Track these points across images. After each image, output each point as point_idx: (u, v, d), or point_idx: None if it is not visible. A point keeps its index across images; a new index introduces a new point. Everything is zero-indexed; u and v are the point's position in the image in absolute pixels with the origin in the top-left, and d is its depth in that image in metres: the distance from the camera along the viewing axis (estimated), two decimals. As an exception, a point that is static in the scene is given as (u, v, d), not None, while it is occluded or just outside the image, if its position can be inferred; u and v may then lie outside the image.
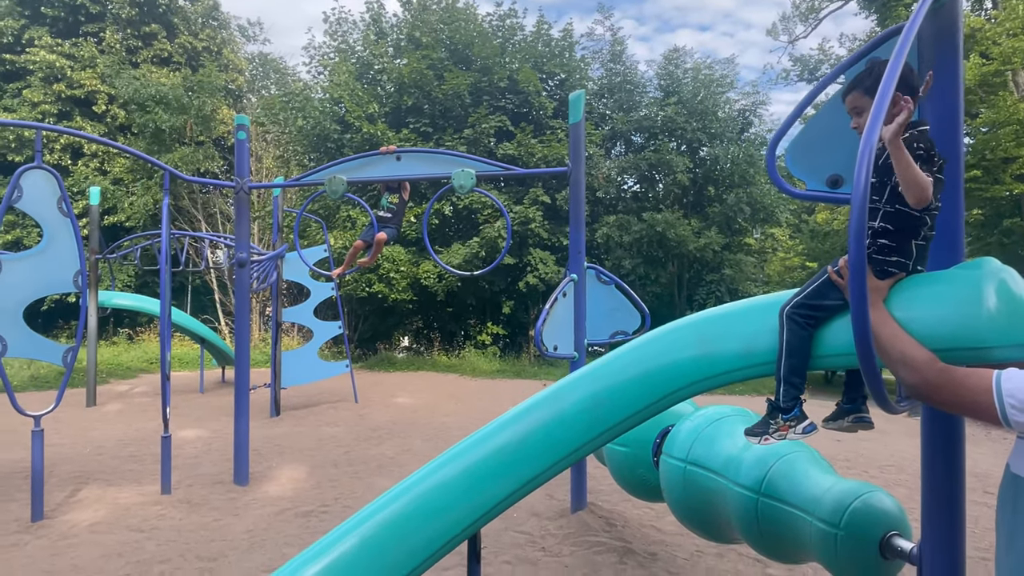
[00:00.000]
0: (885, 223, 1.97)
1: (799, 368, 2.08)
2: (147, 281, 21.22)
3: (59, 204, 5.07)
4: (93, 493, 5.76)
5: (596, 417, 2.38)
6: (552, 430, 2.42)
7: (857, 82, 2.11)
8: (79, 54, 20.76)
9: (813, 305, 2.06)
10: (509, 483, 2.40)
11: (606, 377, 2.43)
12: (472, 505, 2.39)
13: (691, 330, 2.35)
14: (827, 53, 23.81)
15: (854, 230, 1.62)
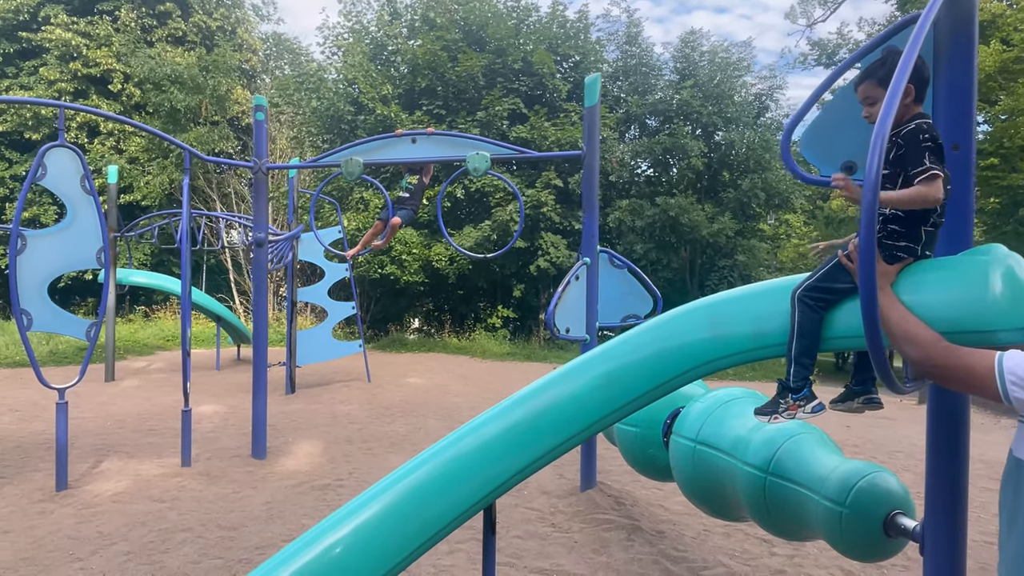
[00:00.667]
0: (896, 210, 2.02)
1: (810, 349, 2.13)
2: (163, 259, 21.45)
3: (82, 182, 5.18)
4: (115, 465, 5.93)
5: (609, 395, 2.45)
6: (566, 407, 2.50)
7: (870, 72, 2.15)
8: (95, 32, 20.83)
9: (824, 288, 2.11)
10: (523, 457, 2.48)
11: (620, 356, 2.50)
12: (487, 477, 2.47)
13: (703, 312, 2.41)
14: (845, 37, 23.46)
15: (865, 216, 1.67)
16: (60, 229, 5.16)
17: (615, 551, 4.37)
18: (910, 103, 2.06)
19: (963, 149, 2.35)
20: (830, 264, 2.15)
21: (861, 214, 1.68)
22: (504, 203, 15.63)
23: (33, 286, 4.95)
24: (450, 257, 16.07)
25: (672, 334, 2.44)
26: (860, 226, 1.69)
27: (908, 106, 2.06)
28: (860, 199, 1.78)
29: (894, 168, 2.04)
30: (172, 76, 19.05)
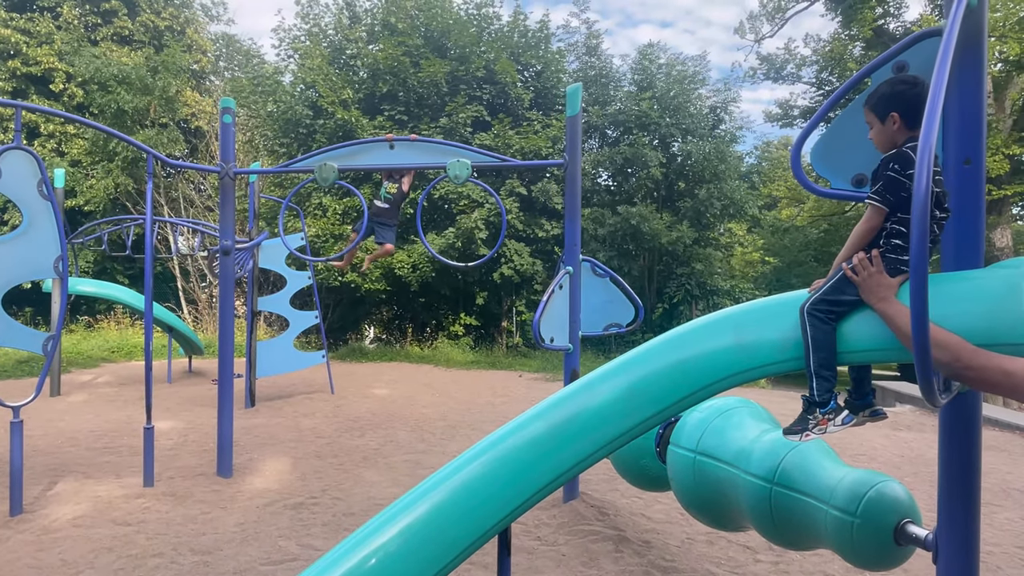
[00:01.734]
0: (898, 226, 2.10)
1: (828, 361, 2.15)
2: (106, 267, 20.53)
3: (39, 186, 4.87)
4: (71, 486, 5.58)
5: (631, 407, 2.40)
6: (587, 420, 2.44)
7: (867, 99, 2.26)
8: (35, 29, 19.87)
9: (832, 300, 2.15)
10: (545, 474, 2.41)
11: (640, 367, 2.45)
12: (507, 497, 2.39)
13: (727, 322, 2.39)
14: (792, 53, 24.33)
15: (916, 229, 1.67)
16: (15, 237, 4.83)
17: (605, 563, 4.33)
18: (898, 129, 2.15)
19: (974, 163, 2.39)
20: (836, 277, 2.18)
21: (912, 228, 1.68)
22: (468, 210, 15.54)
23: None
24: (412, 264, 15.86)
25: (694, 341, 2.41)
26: (912, 241, 1.68)
27: (898, 131, 2.15)
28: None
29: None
30: (119, 76, 18.29)
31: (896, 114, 2.13)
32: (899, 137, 2.15)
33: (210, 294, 21.55)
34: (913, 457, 7.41)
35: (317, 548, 4.34)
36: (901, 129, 2.14)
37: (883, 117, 2.16)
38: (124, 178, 19.17)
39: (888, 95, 2.17)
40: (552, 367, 14.89)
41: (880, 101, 2.16)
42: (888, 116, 2.15)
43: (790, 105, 25.16)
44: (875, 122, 2.19)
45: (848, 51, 21.88)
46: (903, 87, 2.19)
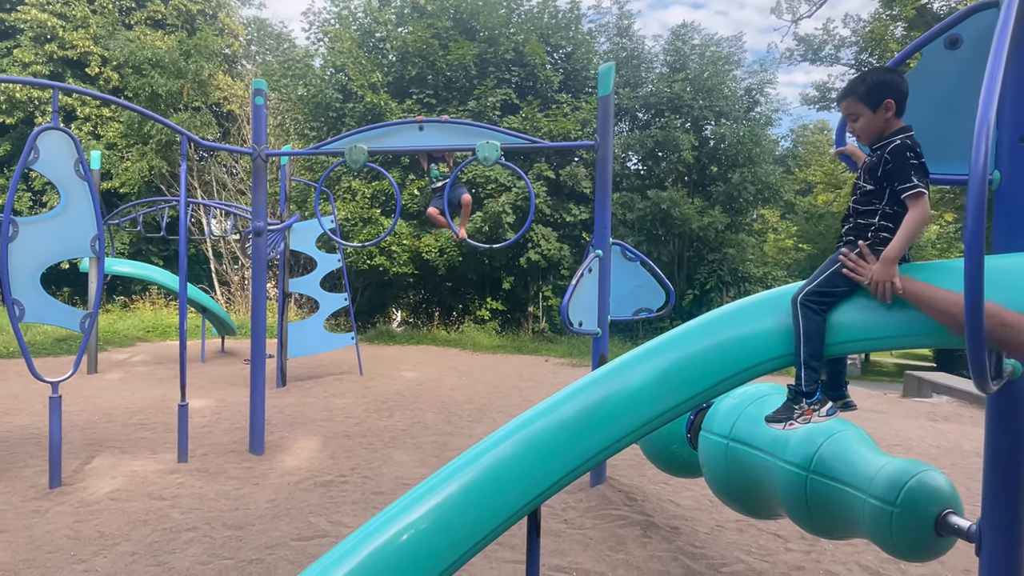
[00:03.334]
0: (886, 222, 2.13)
1: (817, 352, 2.17)
2: (141, 248, 20.96)
3: (76, 167, 4.95)
4: (108, 461, 5.72)
5: (664, 391, 2.35)
6: (618, 404, 2.40)
7: (850, 89, 2.21)
8: (71, 14, 20.22)
9: (824, 292, 2.17)
10: (573, 457, 2.38)
11: (674, 350, 2.41)
12: (536, 478, 2.37)
13: (766, 303, 2.33)
14: (831, 33, 23.66)
15: (972, 210, 1.60)
16: (53, 216, 4.93)
17: (632, 548, 4.30)
18: (891, 117, 2.14)
19: (1030, 143, 2.29)
20: (829, 270, 2.20)
21: (968, 207, 1.61)
22: (496, 195, 15.48)
23: (25, 275, 4.72)
24: (440, 248, 15.89)
25: (732, 326, 2.35)
26: (966, 219, 1.61)
27: (889, 120, 2.15)
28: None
29: (879, 183, 2.14)
30: (153, 60, 18.54)
31: (892, 101, 2.12)
32: (890, 126, 2.15)
33: (242, 276, 21.90)
34: (950, 448, 7.23)
35: (347, 525, 4.38)
36: (893, 117, 2.15)
37: (875, 106, 2.14)
38: (158, 160, 19.49)
39: (881, 83, 2.15)
40: (579, 352, 14.84)
41: (872, 90, 2.14)
42: (882, 104, 2.13)
43: (827, 88, 24.52)
44: (864, 112, 2.16)
45: (889, 31, 21.20)
46: (892, 76, 2.19)
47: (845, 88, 2.23)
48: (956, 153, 2.55)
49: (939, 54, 2.54)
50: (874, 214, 2.15)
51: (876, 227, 2.15)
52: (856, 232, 2.21)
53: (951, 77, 2.53)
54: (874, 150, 2.20)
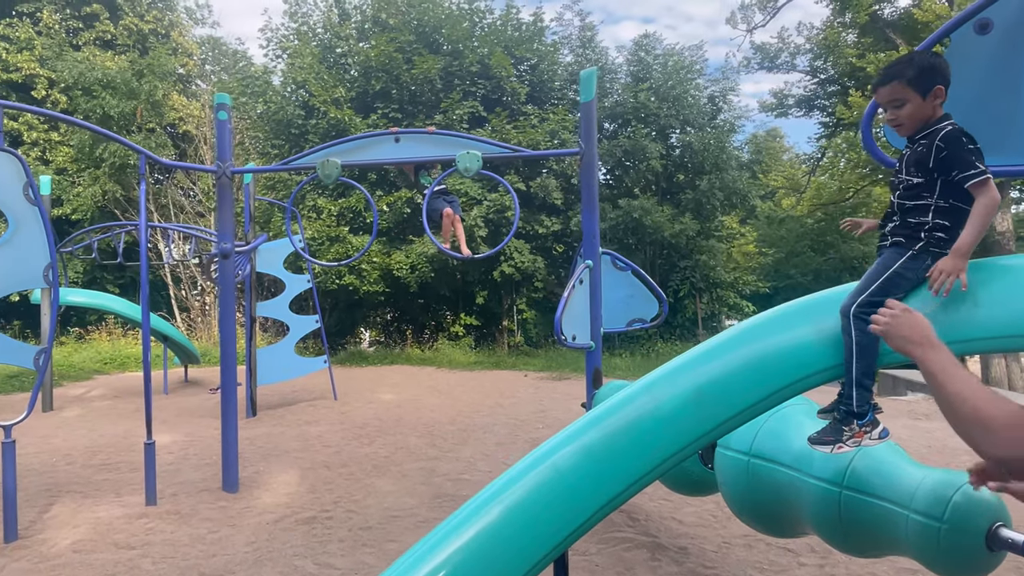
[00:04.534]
0: (940, 219, 1.97)
1: (870, 369, 2.03)
2: (96, 276, 20.11)
3: (25, 191, 4.55)
4: (68, 508, 5.27)
5: (700, 413, 2.15)
6: (651, 428, 2.18)
7: (897, 73, 2.01)
8: (15, 35, 19.43)
9: (880, 303, 1.93)
10: (604, 489, 2.15)
11: (707, 365, 2.20)
12: (561, 519, 2.13)
13: (801, 309, 2.16)
14: (786, 42, 24.16)
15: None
16: (0, 245, 4.52)
17: (642, 573, 4.08)
18: (939, 105, 1.99)
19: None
20: (884, 276, 2.02)
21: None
22: (467, 208, 15.24)
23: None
24: (411, 265, 15.56)
25: (769, 337, 2.16)
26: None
27: (937, 108, 2.00)
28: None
29: (930, 175, 1.97)
30: (104, 81, 17.88)
31: (942, 87, 1.96)
32: (936, 113, 2.00)
33: (203, 301, 21.17)
34: (940, 448, 7.20)
35: (336, 567, 4.07)
36: (939, 106, 1.99)
37: (926, 92, 1.97)
38: (112, 185, 18.77)
39: (931, 67, 1.98)
40: (557, 365, 14.64)
41: (923, 74, 1.96)
42: (932, 90, 1.96)
43: (785, 94, 25.00)
44: (912, 98, 1.98)
45: (842, 38, 21.73)
46: (939, 60, 2.02)
47: (888, 72, 2.03)
48: (990, 142, 2.41)
49: (969, 39, 2.41)
50: (926, 211, 1.98)
51: (930, 226, 1.98)
52: (905, 232, 2.03)
53: (982, 63, 2.41)
54: (916, 140, 2.04)
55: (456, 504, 5.39)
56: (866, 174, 19.28)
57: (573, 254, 17.55)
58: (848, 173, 19.43)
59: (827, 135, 24.34)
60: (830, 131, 24.03)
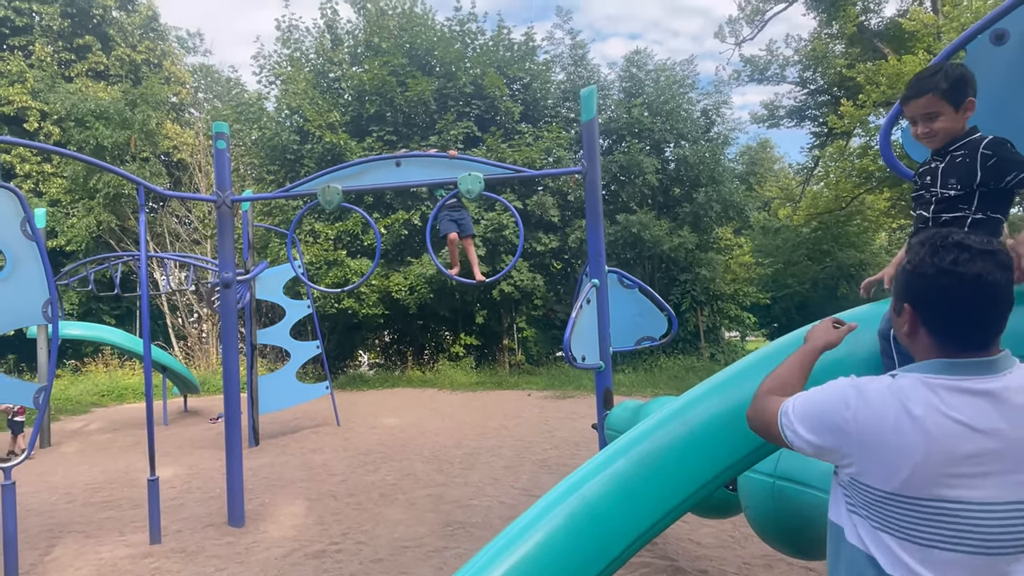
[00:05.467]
0: (977, 214, 1.90)
1: None
2: (92, 308, 19.95)
3: (23, 226, 4.48)
4: (71, 549, 5.13)
5: (735, 437, 2.07)
6: (683, 454, 2.11)
7: (932, 86, 1.95)
8: (5, 69, 19.45)
9: None
10: (636, 522, 2.06)
11: (740, 386, 2.13)
12: (592, 554, 2.04)
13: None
14: (775, 54, 24.43)
15: None
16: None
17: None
18: (968, 117, 1.95)
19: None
20: None
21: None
22: (463, 228, 15.19)
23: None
24: (410, 287, 15.48)
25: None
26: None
27: (966, 120, 1.95)
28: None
29: (971, 186, 1.88)
30: (97, 111, 17.88)
31: (973, 99, 1.91)
32: (964, 127, 1.95)
33: (200, 329, 21.02)
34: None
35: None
36: (968, 116, 1.94)
37: (959, 103, 1.91)
38: (106, 215, 18.70)
39: (963, 79, 1.92)
40: (560, 383, 14.53)
41: (957, 85, 1.91)
42: (964, 102, 1.91)
43: (776, 106, 25.20)
44: (947, 110, 1.92)
45: (830, 49, 21.98)
46: (968, 72, 1.96)
47: (921, 84, 1.97)
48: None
49: (985, 50, 2.38)
50: (963, 223, 1.90)
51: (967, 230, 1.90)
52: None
53: (999, 74, 2.37)
54: (950, 152, 1.96)
55: (467, 532, 5.29)
56: (860, 182, 19.37)
57: (571, 271, 17.54)
58: (842, 182, 19.50)
59: (819, 145, 24.53)
60: (822, 141, 24.23)
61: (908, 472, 1.22)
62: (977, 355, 1.27)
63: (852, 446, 1.31)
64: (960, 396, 1.23)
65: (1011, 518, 1.18)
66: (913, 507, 1.23)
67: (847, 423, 1.31)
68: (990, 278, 1.23)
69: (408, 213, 15.72)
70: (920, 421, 1.22)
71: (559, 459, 7.62)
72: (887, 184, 18.33)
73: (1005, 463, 1.19)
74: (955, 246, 1.26)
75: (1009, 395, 1.23)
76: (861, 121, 17.87)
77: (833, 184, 20.44)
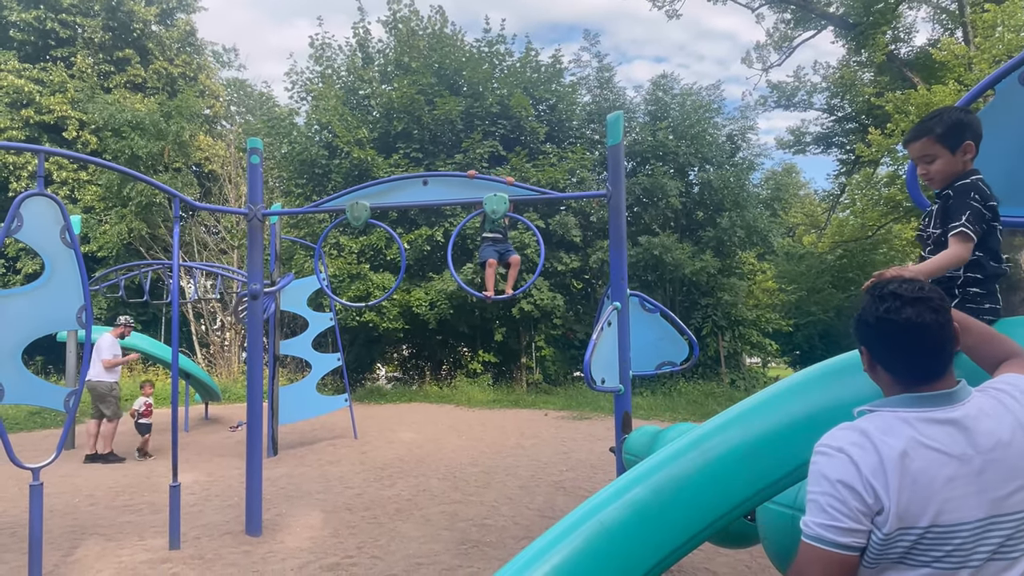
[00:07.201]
0: (971, 272, 1.98)
1: None
2: (119, 314, 20.34)
3: (62, 234, 4.63)
4: (92, 551, 5.22)
5: (753, 470, 2.08)
6: (701, 486, 2.12)
7: (926, 129, 2.05)
8: (48, 79, 20.11)
9: None
10: (653, 550, 2.07)
11: (760, 419, 2.14)
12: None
13: (855, 362, 2.08)
14: (802, 80, 24.36)
15: None
16: (36, 287, 4.58)
17: (679, 628, 3.92)
18: (969, 160, 2.02)
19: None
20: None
21: None
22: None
23: (5, 353, 4.34)
24: (430, 302, 15.60)
25: (826, 389, 2.10)
26: None
27: (967, 163, 2.02)
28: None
29: (945, 226, 1.99)
30: (133, 122, 18.39)
31: (972, 143, 1.99)
32: (966, 167, 2.02)
33: (223, 337, 21.31)
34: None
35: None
36: (971, 159, 2.02)
37: (955, 147, 2.00)
38: (138, 223, 19.15)
39: (960, 123, 2.00)
40: (577, 404, 14.47)
41: (952, 130, 2.00)
42: (962, 146, 1.99)
43: (802, 132, 25.09)
44: (942, 154, 2.02)
45: (858, 76, 21.87)
46: (969, 116, 2.04)
47: (918, 128, 2.07)
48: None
49: (1013, 90, 2.39)
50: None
51: (963, 280, 1.99)
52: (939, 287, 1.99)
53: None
54: (942, 194, 2.05)
55: (481, 551, 5.29)
56: (887, 211, 19.17)
57: (592, 291, 17.51)
58: (869, 211, 19.31)
59: (846, 172, 24.34)
60: (849, 168, 24.04)
61: (905, 506, 1.27)
62: (934, 386, 1.39)
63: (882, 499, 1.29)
64: (933, 426, 1.34)
65: (981, 533, 1.29)
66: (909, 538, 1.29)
67: (865, 482, 1.30)
68: (919, 320, 1.36)
69: (431, 229, 15.87)
70: (907, 456, 1.30)
71: (575, 481, 7.58)
72: (915, 214, 18.12)
73: (975, 484, 1.29)
74: (889, 295, 1.41)
75: (970, 422, 1.34)
76: (889, 150, 17.72)
77: (859, 212, 20.24)
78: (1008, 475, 1.31)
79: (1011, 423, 1.35)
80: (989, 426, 1.34)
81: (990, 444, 1.32)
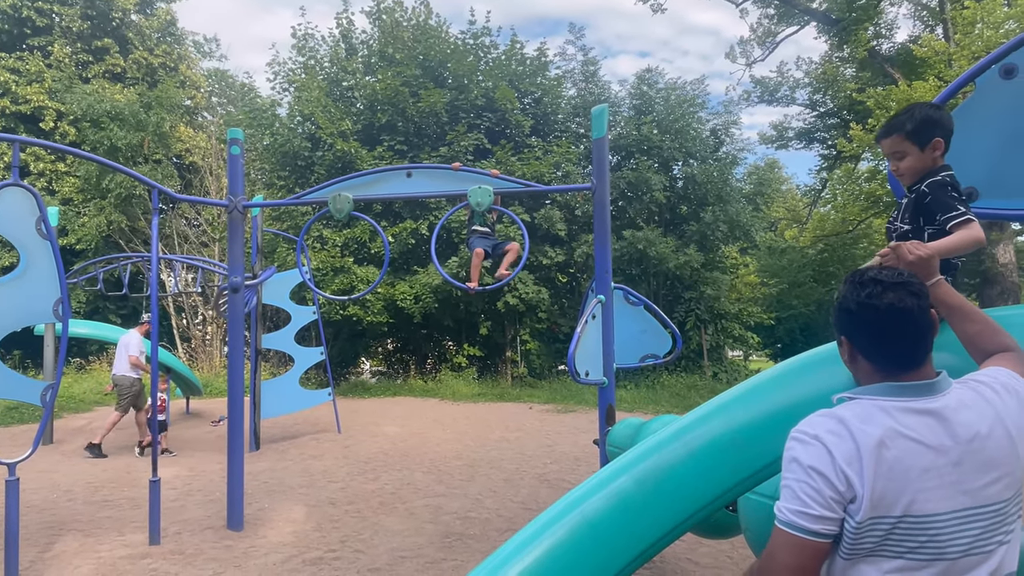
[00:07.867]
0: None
1: None
2: (98, 307, 20.07)
3: (38, 225, 4.54)
4: (70, 546, 5.16)
5: (735, 460, 2.09)
6: (684, 476, 2.12)
7: (896, 126, 2.09)
8: (24, 68, 19.70)
9: None
10: (639, 540, 2.08)
11: (742, 410, 2.15)
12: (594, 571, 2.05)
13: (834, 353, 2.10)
14: (785, 76, 24.51)
15: None
16: (12, 279, 4.49)
17: (664, 620, 3.95)
18: (939, 156, 2.05)
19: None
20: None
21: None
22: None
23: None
24: (415, 296, 15.54)
25: (808, 380, 2.12)
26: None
27: (937, 159, 2.05)
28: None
29: (917, 222, 2.05)
30: (112, 112, 18.08)
31: (941, 140, 2.03)
32: (935, 164, 2.05)
33: (204, 331, 21.09)
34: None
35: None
36: (939, 157, 2.05)
37: (924, 144, 2.04)
38: (117, 215, 18.85)
39: (929, 120, 2.04)
40: (562, 397, 14.51)
41: (921, 127, 2.04)
42: (931, 142, 2.03)
43: (785, 127, 25.27)
44: (911, 150, 2.06)
45: (840, 72, 22.05)
46: (939, 112, 2.08)
47: (889, 125, 2.10)
48: (1018, 185, 2.41)
49: (994, 84, 2.42)
50: None
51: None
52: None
53: (1008, 108, 2.41)
54: (912, 190, 2.09)
55: (465, 544, 5.29)
56: (868, 206, 19.38)
57: (577, 284, 17.53)
58: (850, 206, 19.52)
59: (827, 167, 24.55)
60: (830, 163, 24.25)
61: (880, 494, 1.28)
62: (913, 375, 1.40)
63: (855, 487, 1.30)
64: (911, 416, 1.34)
65: (956, 525, 1.30)
66: (882, 527, 1.30)
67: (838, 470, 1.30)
68: (901, 305, 1.37)
69: (416, 223, 15.80)
70: (884, 444, 1.30)
71: (559, 474, 7.61)
72: (894, 209, 18.32)
73: (951, 475, 1.30)
74: (870, 281, 1.42)
75: (949, 414, 1.35)
76: (870, 145, 17.90)
77: (840, 207, 20.44)
78: (984, 467, 1.31)
79: (991, 416, 1.36)
80: (968, 418, 1.35)
81: (968, 436, 1.33)
